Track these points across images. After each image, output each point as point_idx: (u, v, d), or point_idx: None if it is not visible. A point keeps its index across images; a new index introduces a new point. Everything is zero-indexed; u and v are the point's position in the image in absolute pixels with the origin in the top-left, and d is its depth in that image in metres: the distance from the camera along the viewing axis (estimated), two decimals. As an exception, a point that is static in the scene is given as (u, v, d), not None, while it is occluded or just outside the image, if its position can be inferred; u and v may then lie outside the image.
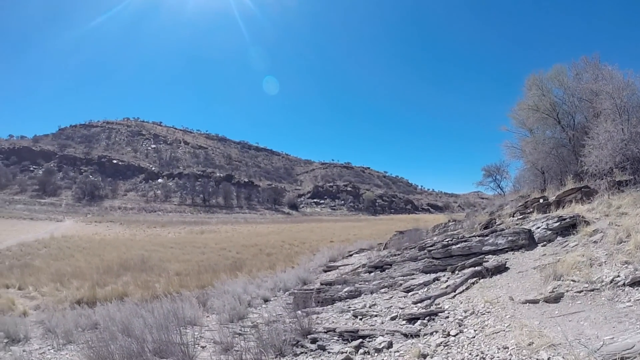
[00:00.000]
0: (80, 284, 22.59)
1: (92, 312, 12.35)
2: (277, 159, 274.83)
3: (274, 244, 44.11)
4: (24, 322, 10.97)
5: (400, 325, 6.75)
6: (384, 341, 6.03)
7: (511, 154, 23.95)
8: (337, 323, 7.66)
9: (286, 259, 29.75)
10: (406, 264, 11.90)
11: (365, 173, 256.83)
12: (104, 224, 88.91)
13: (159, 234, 69.39)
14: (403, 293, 8.91)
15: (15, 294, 21.43)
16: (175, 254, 36.35)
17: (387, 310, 7.78)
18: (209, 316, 11.53)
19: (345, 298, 10.03)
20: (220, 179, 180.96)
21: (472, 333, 5.77)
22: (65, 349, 8.49)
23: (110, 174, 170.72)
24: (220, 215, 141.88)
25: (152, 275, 24.92)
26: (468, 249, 10.37)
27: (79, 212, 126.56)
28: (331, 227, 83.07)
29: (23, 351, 8.27)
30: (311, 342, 6.67)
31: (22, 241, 46.51)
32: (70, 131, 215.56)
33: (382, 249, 21.20)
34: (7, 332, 9.55)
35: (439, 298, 7.75)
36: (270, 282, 17.11)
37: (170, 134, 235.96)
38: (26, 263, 30.45)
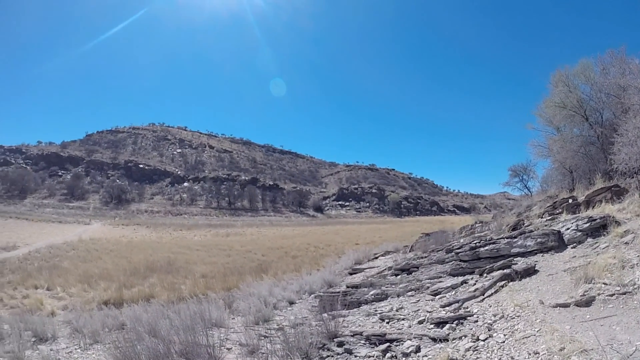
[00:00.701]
0: (108, 285, 22.92)
1: (118, 313, 12.49)
2: (302, 162, 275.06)
3: (299, 246, 44.15)
4: (51, 322, 11.14)
5: (428, 329, 6.66)
6: (411, 345, 5.96)
7: (538, 153, 23.51)
8: (363, 326, 7.61)
9: (312, 261, 29.74)
10: (433, 266, 11.77)
11: (390, 175, 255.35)
12: (131, 227, 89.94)
13: (185, 236, 69.99)
14: (430, 296, 8.80)
15: (43, 295, 21.88)
16: (201, 256, 36.62)
17: (415, 314, 7.70)
18: (234, 318, 11.54)
19: (371, 301, 9.96)
20: (245, 182, 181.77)
21: (501, 338, 5.67)
22: (92, 349, 8.58)
23: (137, 178, 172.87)
24: (246, 218, 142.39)
25: (178, 277, 25.15)
26: (496, 251, 10.20)
27: (106, 216, 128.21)
28: (356, 229, 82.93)
29: (50, 350, 8.38)
30: (338, 346, 6.62)
31: (50, 243, 47.35)
32: (97, 137, 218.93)
33: (408, 251, 21.03)
34: (35, 331, 9.71)
35: (468, 301, 7.64)
36: (295, 284, 17.08)
37: (196, 139, 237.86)
38: (55, 265, 31.01)
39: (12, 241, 49.46)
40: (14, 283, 24.60)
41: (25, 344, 8.52)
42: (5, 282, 25.14)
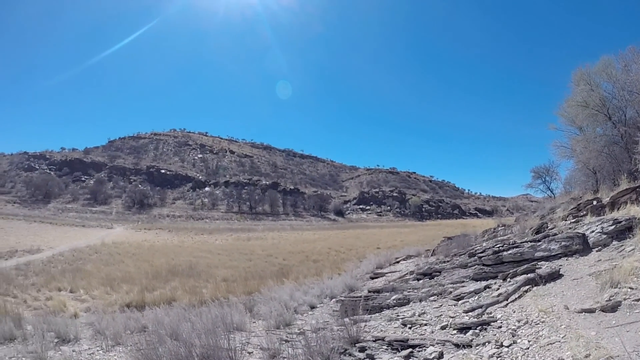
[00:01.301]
0: (130, 288, 23.13)
1: (140, 316, 12.56)
2: (322, 166, 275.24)
3: (320, 250, 44.12)
4: (74, 323, 11.23)
5: (451, 335, 6.60)
6: (434, 351, 5.91)
7: (561, 154, 23.19)
8: (385, 331, 7.56)
9: (333, 265, 29.67)
10: (455, 271, 11.67)
11: (411, 178, 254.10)
12: (153, 231, 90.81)
13: (206, 240, 70.36)
14: (453, 301, 8.72)
15: (66, 297, 22.14)
16: (223, 260, 36.79)
17: (437, 319, 7.63)
18: (255, 322, 11.57)
19: (393, 306, 9.90)
20: (266, 187, 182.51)
21: (526, 344, 5.59)
22: (114, 351, 8.66)
23: (159, 183, 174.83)
24: (267, 222, 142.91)
25: (200, 281, 25.29)
26: (520, 255, 10.07)
27: (129, 220, 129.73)
28: (377, 233, 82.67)
29: (72, 351, 8.48)
30: (359, 351, 6.58)
31: (74, 247, 47.96)
32: (120, 143, 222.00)
33: (430, 255, 20.91)
34: (58, 332, 9.81)
35: (491, 307, 7.55)
36: (316, 288, 17.05)
37: (216, 144, 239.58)
38: (78, 267, 31.38)
39: (37, 244, 50.21)
40: (37, 285, 24.93)
41: (48, 344, 8.61)
42: (29, 284, 25.51)
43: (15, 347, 8.82)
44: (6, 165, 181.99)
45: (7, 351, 8.49)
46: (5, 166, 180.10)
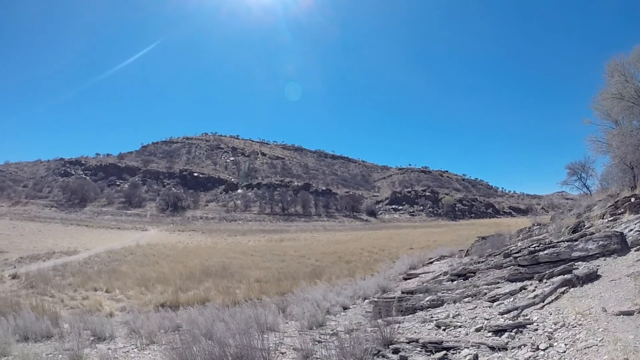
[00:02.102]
0: (164, 288, 23.51)
1: (174, 315, 12.74)
2: (354, 166, 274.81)
3: (352, 251, 44.07)
4: (110, 322, 11.42)
5: (486, 337, 6.49)
6: (469, 354, 5.83)
7: (596, 149, 22.57)
8: (419, 333, 7.49)
9: (365, 266, 29.62)
10: (490, 271, 11.51)
11: (444, 177, 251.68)
12: (187, 233, 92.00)
13: (239, 242, 70.99)
14: (488, 303, 8.58)
15: (102, 296, 22.67)
16: (256, 261, 37.01)
17: (472, 321, 7.53)
18: (288, 323, 11.59)
19: (427, 307, 9.80)
20: (298, 188, 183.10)
21: (562, 347, 5.47)
22: (148, 349, 8.77)
23: (192, 186, 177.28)
24: (299, 224, 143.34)
25: (233, 282, 25.51)
26: (556, 255, 9.86)
27: (163, 222, 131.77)
28: (410, 233, 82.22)
29: (108, 349, 8.62)
30: (393, 353, 6.53)
31: (109, 249, 48.94)
32: (153, 148, 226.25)
33: (464, 255, 20.68)
34: (94, 330, 10.01)
35: (527, 309, 7.41)
36: (349, 289, 17.02)
37: (248, 146, 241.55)
38: (113, 268, 32.03)
39: (73, 246, 51.53)
40: (74, 285, 25.54)
41: (84, 342, 8.76)
42: (66, 284, 26.14)
43: (52, 345, 9.04)
44: (43, 171, 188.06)
45: (44, 348, 8.70)
46: (43, 172, 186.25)
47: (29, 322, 10.05)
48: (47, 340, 9.54)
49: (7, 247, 48.84)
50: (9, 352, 8.13)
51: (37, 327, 9.93)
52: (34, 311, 11.55)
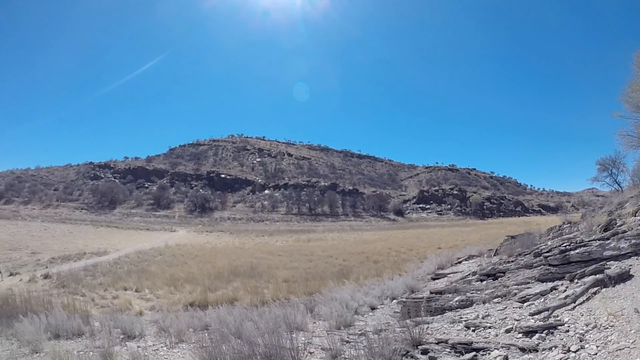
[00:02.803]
0: (193, 288, 23.79)
1: (203, 315, 12.84)
2: (380, 165, 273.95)
3: (380, 251, 43.92)
4: (139, 321, 11.58)
5: (516, 339, 6.42)
6: (499, 355, 5.76)
7: (627, 144, 21.99)
8: (448, 334, 7.44)
9: (393, 266, 29.49)
10: (520, 271, 11.35)
11: (471, 175, 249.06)
12: (215, 234, 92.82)
13: (267, 242, 71.33)
14: (518, 303, 8.47)
15: (132, 296, 23.07)
16: (283, 261, 37.13)
17: (502, 322, 7.45)
18: (315, 322, 11.60)
19: (456, 308, 9.72)
20: (325, 188, 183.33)
21: (594, 349, 5.37)
22: (177, 348, 8.87)
23: (219, 187, 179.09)
24: (326, 224, 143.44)
25: (261, 282, 25.64)
26: (587, 254, 9.67)
27: (191, 223, 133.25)
28: (438, 232, 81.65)
29: (138, 347, 8.73)
30: (422, 353, 6.49)
31: (139, 249, 49.71)
32: (180, 150, 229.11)
33: (493, 255, 20.43)
34: (124, 329, 10.18)
35: (558, 309, 7.30)
36: (377, 289, 16.96)
37: (274, 147, 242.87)
38: (143, 269, 32.52)
39: (104, 247, 52.52)
40: (104, 285, 26.02)
41: (114, 340, 8.95)
42: (96, 283, 26.66)
43: (83, 342, 9.25)
44: (73, 175, 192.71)
45: (75, 345, 8.88)
46: (73, 176, 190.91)
47: (61, 320, 10.28)
48: (78, 338, 9.75)
49: (40, 248, 50.04)
50: (40, 349, 8.33)
51: (69, 325, 10.16)
52: (65, 310, 11.79)
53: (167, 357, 8.22)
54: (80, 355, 7.75)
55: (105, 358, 7.59)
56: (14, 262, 37.38)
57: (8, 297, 16.08)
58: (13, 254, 42.84)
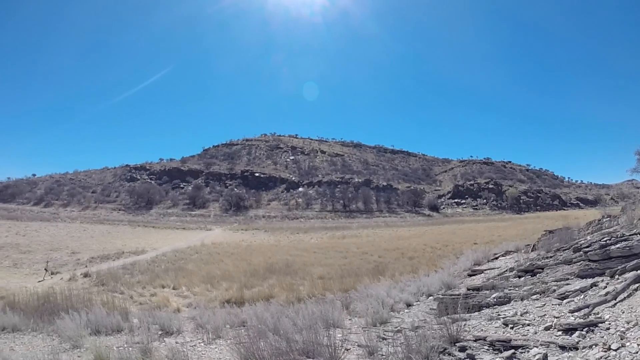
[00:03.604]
0: (229, 285, 24.11)
1: (240, 311, 13.02)
2: (414, 160, 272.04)
3: (415, 247, 43.70)
4: (177, 317, 11.80)
5: (556, 337, 6.33)
6: (538, 353, 5.70)
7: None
8: (486, 331, 7.39)
9: (429, 262, 29.34)
10: (559, 267, 11.15)
11: (507, 168, 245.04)
12: (250, 232, 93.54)
13: (301, 239, 71.55)
14: (557, 300, 8.34)
15: (170, 293, 23.54)
16: (318, 258, 37.26)
17: (541, 319, 7.35)
18: (351, 319, 11.60)
19: (493, 304, 9.61)
20: (358, 184, 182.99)
21: (635, 347, 5.26)
22: (215, 344, 8.98)
23: (253, 186, 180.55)
24: (361, 220, 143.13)
25: (297, 279, 25.81)
26: (628, 249, 9.40)
27: (226, 222, 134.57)
28: (474, 228, 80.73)
29: (176, 342, 8.86)
30: (459, 351, 6.45)
31: (175, 248, 50.52)
32: (214, 151, 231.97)
33: (530, 250, 20.11)
34: (163, 325, 10.41)
35: (598, 306, 7.17)
36: (413, 286, 16.87)
37: (307, 145, 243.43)
38: (180, 267, 33.08)
39: (141, 246, 53.54)
40: (142, 283, 26.59)
41: (152, 336, 9.12)
42: (135, 281, 27.26)
43: (122, 338, 9.48)
44: (110, 177, 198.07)
45: (115, 341, 9.11)
46: (110, 178, 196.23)
47: (100, 317, 10.55)
48: (117, 334, 10.01)
49: (79, 248, 51.27)
50: (81, 345, 8.58)
51: (108, 322, 10.43)
52: (104, 307, 12.05)
53: (205, 353, 8.33)
54: (120, 350, 7.91)
55: (144, 353, 7.75)
56: (55, 261, 38.45)
57: (49, 295, 16.51)
58: (54, 254, 43.97)
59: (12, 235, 66.12)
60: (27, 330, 10.36)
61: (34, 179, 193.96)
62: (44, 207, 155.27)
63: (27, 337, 9.71)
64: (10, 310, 11.78)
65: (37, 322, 10.90)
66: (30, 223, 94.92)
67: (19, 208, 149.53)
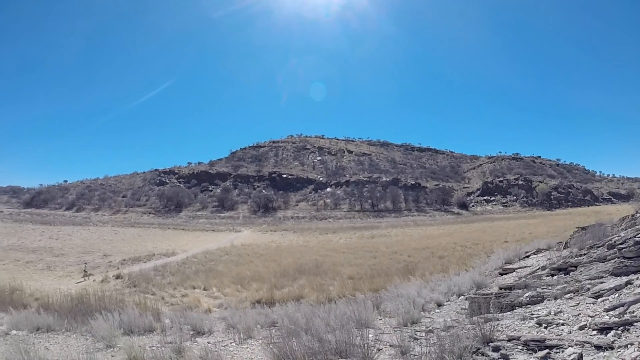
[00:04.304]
0: (259, 286, 24.37)
1: (270, 312, 13.10)
2: (442, 158, 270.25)
3: (445, 246, 43.46)
4: (208, 318, 11.95)
5: (591, 336, 6.24)
6: (573, 353, 5.64)
7: None
8: (519, 331, 7.33)
9: (459, 261, 29.19)
10: (593, 265, 10.97)
11: (536, 163, 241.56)
12: (279, 233, 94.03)
13: (330, 239, 71.65)
14: (591, 299, 8.20)
15: (200, 294, 23.92)
16: (348, 258, 37.32)
17: (575, 319, 7.26)
18: (381, 319, 11.59)
19: (526, 304, 9.50)
20: (386, 183, 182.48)
21: (672, 346, 5.20)
22: (246, 344, 9.06)
23: (281, 187, 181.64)
24: (389, 219, 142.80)
25: (326, 279, 25.94)
26: (664, 245, 9.26)
27: (255, 223, 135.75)
28: (504, 225, 79.86)
29: (207, 342, 8.98)
30: (493, 351, 6.41)
31: (205, 249, 51.10)
32: (241, 153, 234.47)
33: (562, 248, 19.79)
34: (194, 325, 10.57)
35: (633, 305, 7.03)
36: (443, 285, 16.78)
37: (334, 145, 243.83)
38: (210, 268, 33.48)
39: (172, 248, 54.33)
40: (173, 284, 27.02)
41: (185, 336, 9.26)
42: (166, 283, 27.70)
43: (154, 338, 9.66)
44: (140, 181, 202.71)
45: (147, 341, 9.31)
46: (140, 182, 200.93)
47: (133, 317, 10.76)
48: (149, 334, 10.20)
49: (111, 250, 52.31)
50: (115, 344, 8.79)
51: (140, 322, 10.63)
52: (137, 307, 12.28)
53: (237, 353, 8.41)
54: (153, 349, 8.06)
55: (178, 353, 7.90)
56: (87, 264, 39.20)
57: (82, 296, 16.88)
58: (86, 257, 44.88)
59: (45, 239, 67.78)
60: (61, 330, 10.63)
61: (66, 185, 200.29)
62: (75, 212, 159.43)
63: (61, 337, 9.97)
64: (45, 311, 12.11)
65: (70, 322, 11.17)
66: (63, 227, 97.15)
67: (52, 213, 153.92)
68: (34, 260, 42.46)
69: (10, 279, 26.43)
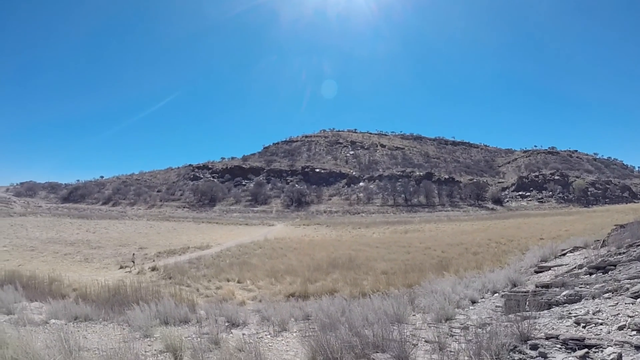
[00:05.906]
0: (293, 279, 24.64)
1: (304, 305, 13.32)
2: (476, 152, 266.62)
3: (479, 242, 43.07)
4: (242, 310, 12.22)
5: (630, 336, 6.22)
6: (613, 352, 5.63)
7: None
8: (557, 329, 7.31)
9: (493, 258, 28.96)
10: (632, 264, 10.83)
11: (573, 157, 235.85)
12: (312, 227, 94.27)
13: (363, 234, 71.66)
14: (630, 299, 8.12)
15: (235, 286, 24.28)
16: (381, 253, 37.32)
17: (614, 318, 7.22)
18: (415, 315, 11.64)
19: (563, 303, 9.45)
20: (420, 178, 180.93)
21: None
22: (281, 336, 9.22)
23: (314, 182, 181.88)
24: (423, 214, 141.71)
25: (360, 273, 26.05)
26: None
27: (288, 217, 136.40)
28: (539, 222, 78.59)
29: (242, 334, 9.18)
30: (531, 349, 6.42)
31: (239, 243, 51.73)
32: (274, 148, 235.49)
33: (600, 246, 19.52)
34: (229, 317, 10.83)
35: (674, 305, 7.02)
36: (477, 282, 16.73)
37: (366, 139, 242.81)
38: (244, 261, 33.89)
39: (206, 242, 55.15)
40: (208, 276, 27.49)
41: (220, 327, 9.50)
42: (201, 275, 28.20)
43: (190, 329, 9.94)
44: (174, 177, 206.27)
45: (183, 331, 9.50)
46: (174, 177, 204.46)
47: (169, 308, 11.08)
48: (185, 325, 10.49)
49: (146, 243, 53.40)
50: (151, 334, 9.11)
51: (176, 313, 10.96)
52: (172, 299, 12.59)
53: (272, 345, 8.57)
54: (189, 340, 8.31)
55: (214, 344, 8.11)
56: (124, 256, 40.23)
57: (119, 287, 17.36)
58: (122, 250, 46.00)
59: (82, 232, 69.59)
60: (99, 320, 11.04)
61: (102, 181, 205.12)
62: (111, 206, 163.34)
63: (98, 326, 10.37)
64: (83, 301, 12.58)
65: (108, 312, 11.61)
66: (100, 221, 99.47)
67: (89, 207, 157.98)
68: (71, 253, 43.71)
69: (50, 270, 27.30)
